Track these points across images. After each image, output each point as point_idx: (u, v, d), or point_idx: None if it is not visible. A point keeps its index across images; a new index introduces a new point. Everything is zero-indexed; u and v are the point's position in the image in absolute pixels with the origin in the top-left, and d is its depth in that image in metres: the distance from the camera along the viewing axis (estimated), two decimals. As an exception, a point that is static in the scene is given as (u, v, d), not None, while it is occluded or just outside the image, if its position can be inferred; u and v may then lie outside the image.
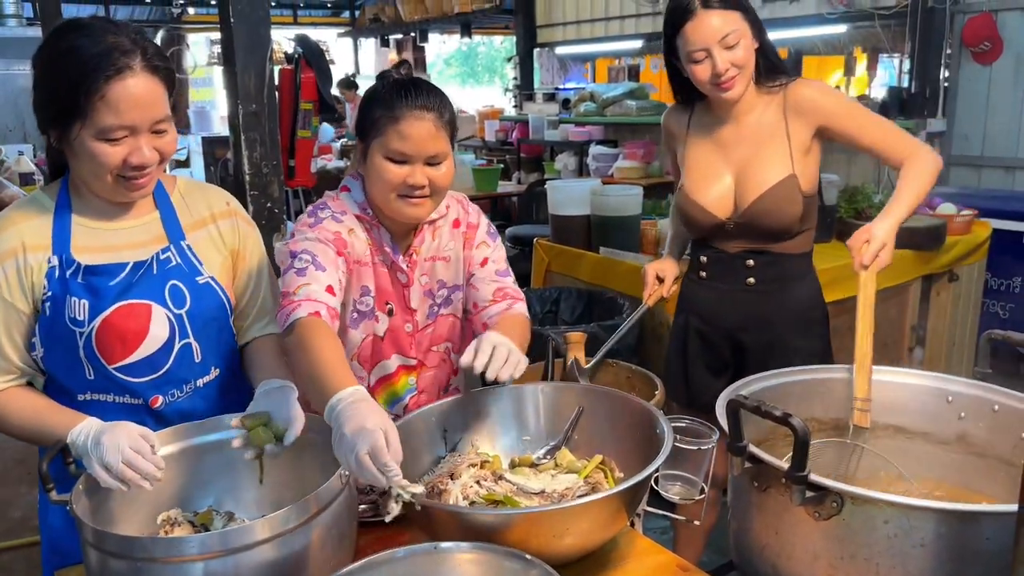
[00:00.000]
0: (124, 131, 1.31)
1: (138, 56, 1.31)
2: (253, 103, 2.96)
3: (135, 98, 1.30)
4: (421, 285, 1.70)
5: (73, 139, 1.32)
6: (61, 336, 1.39)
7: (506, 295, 1.68)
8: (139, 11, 12.82)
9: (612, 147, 6.49)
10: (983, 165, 4.92)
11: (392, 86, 1.57)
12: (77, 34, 1.31)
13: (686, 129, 2.15)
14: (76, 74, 1.28)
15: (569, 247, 3.64)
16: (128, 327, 1.40)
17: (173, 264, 1.47)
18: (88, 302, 1.38)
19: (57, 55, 1.31)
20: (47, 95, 1.33)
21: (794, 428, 1.12)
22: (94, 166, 1.34)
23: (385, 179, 1.55)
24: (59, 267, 1.38)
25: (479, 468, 1.50)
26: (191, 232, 1.52)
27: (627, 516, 1.34)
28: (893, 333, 3.43)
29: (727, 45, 1.90)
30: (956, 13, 4.87)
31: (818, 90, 2.03)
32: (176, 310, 1.45)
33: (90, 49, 1.28)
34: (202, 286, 1.49)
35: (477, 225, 1.74)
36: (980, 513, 1.14)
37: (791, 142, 2.01)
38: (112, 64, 1.28)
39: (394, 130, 1.53)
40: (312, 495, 1.18)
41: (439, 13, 9.33)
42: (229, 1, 2.87)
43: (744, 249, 2.09)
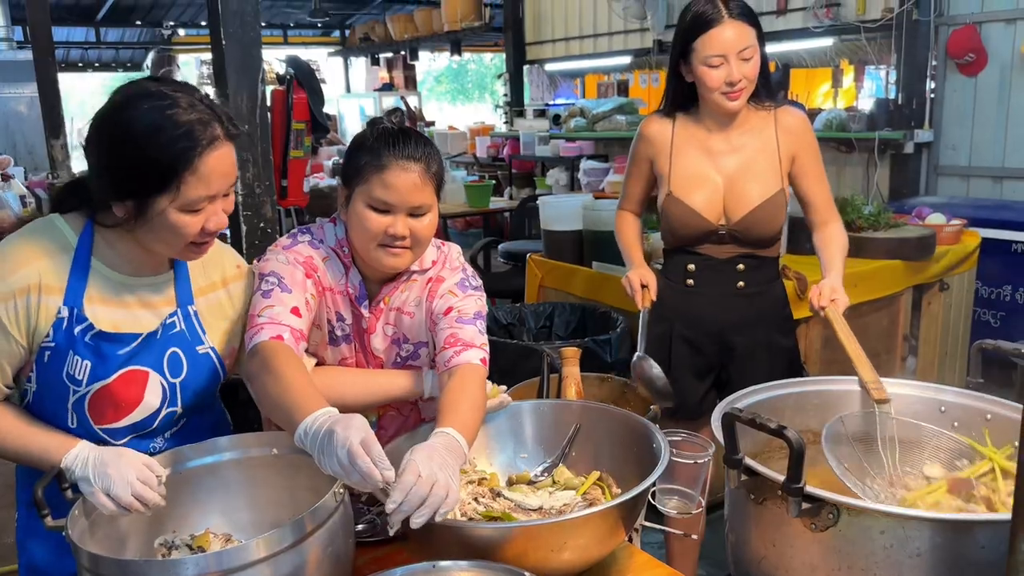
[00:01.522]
0: (207, 200, 1.30)
1: (219, 125, 1.29)
2: (246, 124, 2.96)
3: (222, 169, 1.29)
4: (386, 335, 1.67)
5: (155, 213, 1.28)
6: (54, 387, 1.36)
7: (456, 341, 1.53)
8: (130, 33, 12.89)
9: (603, 162, 6.53)
10: (970, 175, 4.97)
11: (380, 134, 1.54)
12: (162, 104, 1.27)
13: (670, 138, 2.21)
14: (167, 152, 1.24)
15: (562, 262, 3.66)
16: (124, 395, 1.38)
17: (177, 331, 1.44)
18: (91, 364, 1.35)
19: (141, 131, 1.26)
20: (125, 170, 1.28)
21: (789, 440, 1.13)
22: (171, 236, 1.31)
23: (366, 227, 1.52)
24: (68, 320, 1.34)
25: (477, 485, 1.50)
26: (199, 297, 1.49)
27: (625, 530, 1.34)
28: (886, 343, 3.44)
29: (743, 57, 2.02)
30: (940, 25, 4.93)
31: (804, 122, 2.21)
32: (172, 379, 1.43)
33: (175, 129, 1.25)
34: (201, 356, 1.47)
35: (444, 279, 1.65)
36: (975, 522, 1.14)
37: (781, 159, 2.15)
38: (203, 138, 1.26)
39: (378, 179, 1.50)
40: (307, 513, 1.18)
41: (429, 31, 9.41)
42: (221, 23, 2.89)
43: (735, 254, 2.18)
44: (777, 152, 2.16)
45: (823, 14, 5.30)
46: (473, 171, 8.28)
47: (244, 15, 2.94)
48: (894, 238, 3.37)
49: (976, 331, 3.94)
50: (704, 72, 2.04)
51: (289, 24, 13.16)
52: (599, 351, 2.83)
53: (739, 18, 2.02)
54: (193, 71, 12.37)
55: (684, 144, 2.19)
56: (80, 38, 12.51)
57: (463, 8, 8.73)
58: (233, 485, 1.45)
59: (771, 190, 2.13)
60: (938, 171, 5.11)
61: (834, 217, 2.22)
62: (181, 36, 12.40)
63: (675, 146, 2.20)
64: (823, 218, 2.21)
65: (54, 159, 6.24)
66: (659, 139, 2.23)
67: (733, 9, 2.02)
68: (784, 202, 2.17)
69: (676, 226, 2.20)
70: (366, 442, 1.17)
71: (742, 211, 2.13)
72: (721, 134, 2.17)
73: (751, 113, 2.16)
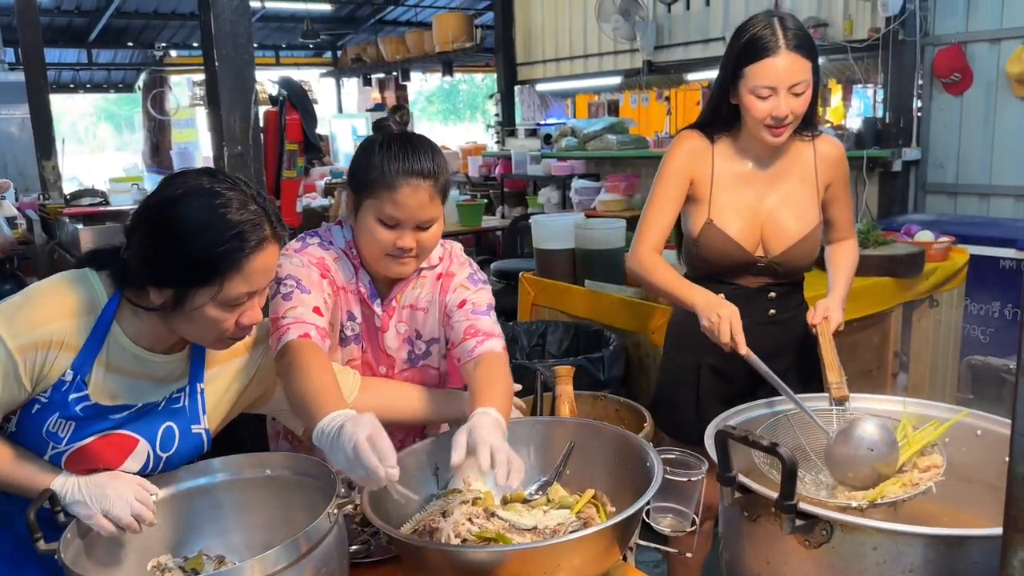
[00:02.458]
0: (247, 297, 1.30)
1: (267, 225, 1.30)
2: (239, 145, 2.97)
3: (267, 268, 1.31)
4: (399, 333, 1.72)
5: (193, 307, 1.28)
6: (32, 438, 1.34)
7: (477, 331, 1.60)
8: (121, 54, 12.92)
9: (594, 180, 6.56)
10: (958, 193, 5.01)
11: (392, 145, 1.55)
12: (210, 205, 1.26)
13: (711, 161, 2.07)
14: (216, 252, 1.25)
15: (554, 280, 3.67)
16: (104, 456, 1.36)
17: (179, 406, 1.43)
18: (75, 425, 1.33)
19: (192, 229, 1.25)
20: (171, 263, 1.27)
21: (782, 457, 1.14)
22: (205, 329, 1.31)
23: (375, 239, 1.57)
24: (69, 384, 1.32)
25: (471, 505, 1.50)
26: (211, 367, 1.48)
27: (620, 550, 1.34)
28: (877, 359, 3.46)
29: (795, 92, 1.90)
30: (926, 45, 4.99)
31: (841, 152, 2.13)
32: (161, 452, 1.42)
33: (226, 230, 1.25)
34: (194, 435, 1.46)
35: (452, 275, 1.72)
36: (967, 537, 1.15)
37: (819, 189, 2.10)
38: (252, 239, 1.27)
39: (389, 197, 1.53)
40: (301, 534, 1.18)
41: (420, 52, 9.46)
42: (214, 45, 2.90)
43: (765, 283, 2.12)
44: (815, 183, 2.09)
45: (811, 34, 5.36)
46: (465, 190, 8.31)
47: (237, 37, 2.95)
48: (884, 255, 3.40)
49: (966, 347, 3.97)
50: (751, 102, 1.92)
51: (281, 45, 13.23)
52: (592, 369, 2.84)
53: (796, 50, 1.87)
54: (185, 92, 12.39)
55: (724, 169, 2.07)
56: (72, 59, 12.53)
57: (454, 29, 8.79)
58: (226, 506, 1.45)
59: (810, 224, 2.08)
60: (926, 189, 5.16)
61: (852, 234, 2.22)
62: (173, 57, 12.43)
63: (716, 170, 2.07)
64: (842, 236, 2.22)
65: (45, 180, 6.23)
66: (702, 157, 2.08)
67: (791, 39, 1.87)
68: (820, 235, 2.12)
69: (714, 256, 2.09)
70: (373, 438, 1.19)
71: (782, 245, 2.06)
72: (762, 161, 2.07)
73: (793, 141, 2.06)
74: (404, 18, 12.44)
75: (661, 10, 6.63)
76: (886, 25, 4.95)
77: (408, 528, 1.42)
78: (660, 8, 6.63)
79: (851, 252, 2.21)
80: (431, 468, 1.56)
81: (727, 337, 1.87)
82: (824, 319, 1.96)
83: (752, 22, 1.93)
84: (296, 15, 11.57)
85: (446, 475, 1.57)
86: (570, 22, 7.68)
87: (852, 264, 2.19)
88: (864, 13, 5.20)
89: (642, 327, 3.18)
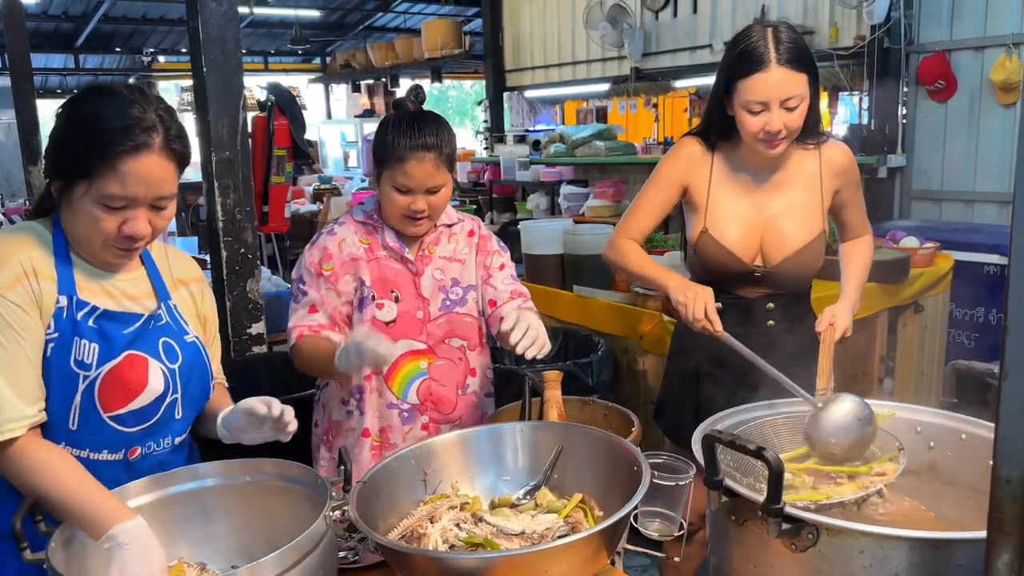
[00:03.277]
0: (124, 201, 1.32)
1: (159, 135, 1.32)
2: (227, 150, 2.97)
3: (143, 175, 1.31)
4: (434, 279, 1.95)
5: (75, 198, 1.33)
6: (63, 378, 1.36)
7: (520, 294, 2.01)
8: (109, 59, 12.87)
9: (583, 187, 6.58)
10: (943, 199, 5.06)
11: (402, 123, 1.82)
12: (106, 101, 1.32)
13: (709, 169, 2.05)
14: (93, 140, 1.29)
15: (544, 286, 3.67)
16: (132, 377, 1.40)
17: (163, 322, 1.48)
18: (99, 347, 1.37)
19: (80, 117, 1.32)
20: (60, 149, 1.34)
21: (768, 461, 1.14)
22: (88, 228, 1.35)
23: (394, 205, 1.86)
24: (68, 308, 1.36)
25: (459, 510, 1.49)
26: (173, 292, 1.54)
27: (607, 555, 1.34)
28: (863, 365, 3.48)
29: (788, 107, 1.85)
30: (911, 53, 5.05)
31: (850, 157, 2.07)
32: (170, 365, 1.46)
33: (113, 121, 1.30)
34: (189, 344, 1.51)
35: (489, 236, 2.05)
36: (952, 540, 1.16)
37: (824, 199, 2.05)
38: (130, 139, 1.29)
39: (400, 168, 1.81)
40: (303, 536, 1.17)
41: (409, 59, 9.48)
42: (202, 50, 2.90)
43: (765, 294, 2.07)
44: (820, 190, 2.03)
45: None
46: (455, 196, 8.32)
47: (225, 42, 2.95)
48: (870, 261, 3.43)
49: (950, 352, 4.00)
50: (743, 116, 1.88)
51: (270, 51, 13.21)
52: (581, 374, 2.84)
53: (789, 64, 1.82)
54: (173, 97, 12.36)
55: (723, 177, 2.04)
56: (59, 64, 12.48)
57: (443, 36, 8.81)
58: (213, 512, 1.44)
59: (812, 232, 2.02)
60: (911, 195, 5.20)
61: (866, 231, 2.18)
62: (161, 63, 12.40)
63: (714, 178, 2.04)
64: (856, 235, 2.18)
65: (32, 186, 6.20)
66: (700, 165, 2.05)
67: (783, 53, 1.82)
68: (824, 244, 2.06)
69: (709, 265, 2.06)
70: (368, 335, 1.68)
71: (781, 254, 2.02)
72: (762, 170, 2.03)
73: (794, 150, 2.01)
74: (393, 24, 12.45)
75: (649, 17, 6.67)
76: (871, 33, 5.01)
77: (395, 534, 1.41)
78: (648, 15, 6.67)
79: (865, 249, 2.15)
80: (419, 473, 1.56)
81: (700, 314, 1.86)
82: (830, 326, 1.91)
83: (746, 33, 1.89)
84: (285, 21, 11.55)
85: (434, 480, 1.57)
86: (558, 29, 7.71)
87: (865, 263, 2.14)
88: (850, 21, 5.25)
89: (631, 332, 3.20)
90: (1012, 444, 0.93)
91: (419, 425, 1.97)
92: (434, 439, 1.63)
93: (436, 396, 1.97)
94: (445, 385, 1.97)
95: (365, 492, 1.40)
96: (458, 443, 1.61)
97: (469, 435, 1.62)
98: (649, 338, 3.11)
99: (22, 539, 1.21)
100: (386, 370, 1.92)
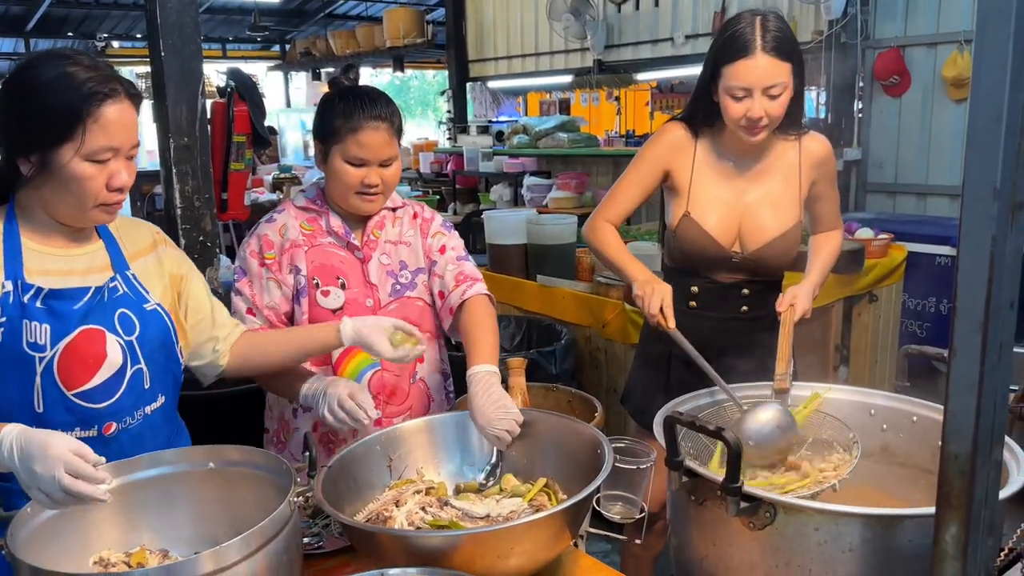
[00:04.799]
0: (110, 152, 1.35)
1: (119, 84, 1.37)
2: (185, 136, 2.93)
3: (123, 122, 1.36)
4: (382, 264, 1.90)
5: (60, 165, 1.33)
6: (16, 363, 1.36)
7: (466, 277, 1.90)
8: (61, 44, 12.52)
9: (546, 178, 6.59)
10: (896, 192, 5.17)
11: (349, 96, 1.79)
12: (62, 63, 1.35)
13: (692, 154, 2.09)
14: (73, 97, 1.31)
15: (507, 275, 3.69)
16: (90, 351, 1.40)
17: (120, 293, 1.48)
18: (50, 326, 1.37)
19: (42, 83, 1.33)
20: (30, 122, 1.33)
21: (727, 441, 1.17)
22: (78, 190, 1.35)
23: (344, 180, 1.80)
24: (14, 292, 1.37)
25: (424, 495, 1.51)
26: (133, 261, 1.54)
27: (571, 535, 1.36)
28: (819, 353, 3.56)
29: (770, 95, 1.89)
30: (867, 48, 5.14)
31: (828, 149, 2.12)
32: (126, 337, 1.46)
33: (82, 75, 1.33)
34: (149, 313, 1.50)
35: (432, 219, 1.99)
36: (902, 517, 1.20)
37: (802, 189, 2.09)
38: (103, 89, 1.33)
39: (353, 139, 1.76)
40: (267, 520, 1.17)
41: (371, 47, 9.37)
42: (160, 35, 2.85)
43: (740, 280, 2.11)
44: (799, 181, 2.08)
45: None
46: (417, 186, 8.28)
47: (183, 27, 2.91)
48: (826, 251, 3.50)
49: (904, 341, 4.10)
50: (727, 102, 1.93)
51: (228, 38, 12.97)
52: (544, 363, 2.86)
53: (772, 52, 1.86)
54: (128, 84, 12.08)
55: (706, 163, 2.08)
56: (8, 49, 12.12)
57: (405, 25, 8.74)
58: (176, 499, 1.43)
59: (789, 222, 2.07)
60: (866, 188, 5.31)
61: (837, 225, 2.24)
62: (115, 48, 12.10)
63: (696, 163, 2.08)
64: (827, 228, 2.24)
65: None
66: (683, 150, 2.09)
67: (770, 41, 1.87)
68: (800, 234, 2.11)
69: (688, 249, 2.10)
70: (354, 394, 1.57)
71: (758, 242, 2.07)
72: (744, 158, 2.08)
73: (775, 139, 2.07)
74: (354, 12, 12.30)
75: (611, 10, 6.69)
76: (829, 28, 5.09)
77: (361, 518, 1.42)
78: (610, 8, 6.69)
79: (832, 240, 2.22)
80: (385, 459, 1.57)
81: (655, 309, 1.91)
82: (790, 307, 1.96)
83: (735, 20, 1.94)
84: (244, 7, 11.35)
85: (399, 465, 1.58)
86: (521, 19, 7.70)
87: (831, 252, 2.20)
88: (808, 16, 5.32)
89: (594, 321, 3.23)
90: (960, 421, 0.96)
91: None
92: (400, 425, 1.64)
93: (390, 387, 1.89)
94: (398, 375, 1.90)
95: (330, 477, 1.41)
96: (424, 429, 1.62)
97: (435, 421, 1.63)
98: (611, 327, 3.14)
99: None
100: (336, 359, 1.86)
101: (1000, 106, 0.85)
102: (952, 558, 0.97)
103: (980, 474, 0.95)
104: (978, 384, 0.92)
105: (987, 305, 0.91)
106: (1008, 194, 0.89)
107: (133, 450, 1.45)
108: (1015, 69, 0.84)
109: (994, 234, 0.90)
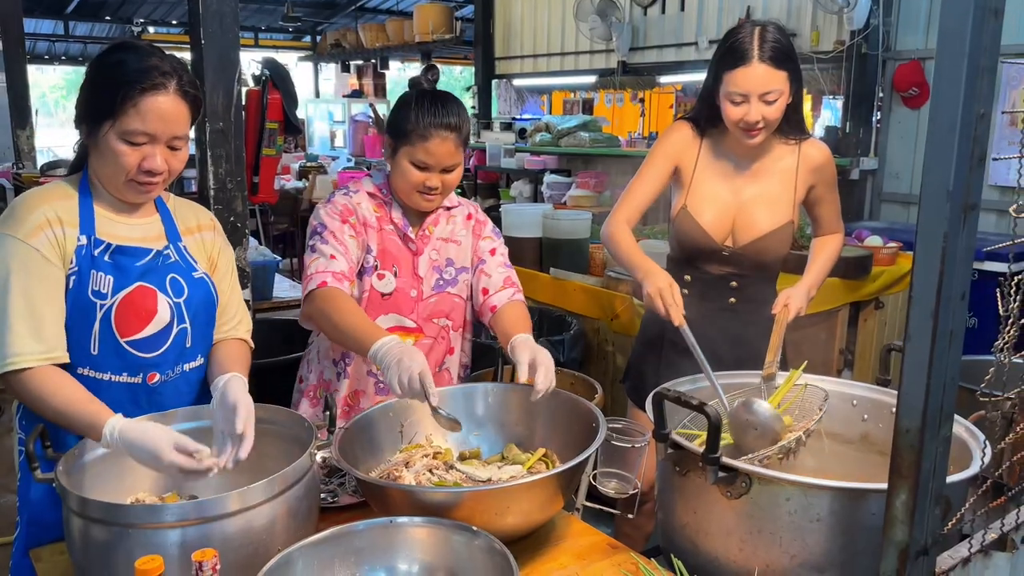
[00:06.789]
0: (144, 137, 1.48)
1: (174, 80, 1.50)
2: (220, 121, 3.05)
3: (161, 112, 1.48)
4: (431, 259, 1.99)
5: (101, 136, 1.49)
6: (80, 308, 1.50)
7: (512, 283, 2.01)
8: (99, 28, 12.79)
9: (566, 176, 6.69)
10: (911, 202, 5.23)
11: (426, 102, 1.86)
12: (128, 53, 1.52)
13: (697, 152, 2.23)
14: (118, 82, 1.47)
15: (522, 268, 3.80)
16: (143, 305, 1.55)
17: (172, 261, 1.62)
18: (113, 278, 1.53)
19: (108, 65, 1.51)
20: (89, 95, 1.51)
21: (707, 414, 1.29)
22: (114, 163, 1.50)
23: (409, 179, 1.89)
24: (87, 245, 1.52)
25: (432, 459, 1.63)
26: (184, 236, 1.68)
27: (563, 498, 1.48)
28: (823, 355, 3.64)
29: (766, 100, 2.02)
30: (887, 60, 5.21)
31: (827, 155, 2.23)
32: (175, 299, 1.60)
33: (134, 64, 1.48)
34: (197, 280, 1.65)
35: (485, 222, 2.08)
36: (866, 491, 1.30)
37: (797, 191, 2.21)
38: (149, 80, 1.47)
39: (422, 146, 1.85)
40: (289, 467, 1.31)
41: (400, 41, 9.52)
42: (200, 23, 2.99)
43: (730, 272, 2.23)
44: (794, 183, 2.20)
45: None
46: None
47: (223, 16, 3.03)
48: (833, 257, 3.58)
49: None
50: (726, 106, 2.06)
51: (261, 27, 13.18)
52: (553, 350, 2.96)
53: (770, 61, 1.99)
54: (161, 69, 12.28)
55: (708, 161, 2.22)
56: (48, 31, 12.39)
57: (435, 20, 8.87)
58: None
59: (780, 220, 2.18)
60: (881, 197, 5.37)
61: (838, 228, 2.33)
62: (151, 34, 12.34)
63: (699, 161, 2.22)
64: (827, 231, 2.34)
65: (20, 150, 6.23)
66: (689, 147, 2.24)
67: (767, 51, 1.99)
68: (791, 234, 2.22)
69: (683, 240, 2.23)
70: (423, 375, 1.54)
71: (749, 237, 2.18)
72: (743, 158, 2.20)
73: (775, 143, 2.19)
74: (385, 6, 12.46)
75: (637, 12, 6.79)
76: (851, 38, 5.16)
77: (374, 475, 1.55)
78: (636, 11, 6.79)
79: (832, 243, 2.32)
80: (397, 425, 1.69)
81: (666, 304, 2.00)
82: (784, 307, 2.08)
83: (736, 30, 2.07)
84: (277, -2, 11.55)
85: (410, 431, 1.71)
86: (549, 19, 7.81)
87: (830, 254, 2.29)
88: (831, 26, 5.40)
89: (603, 314, 3.34)
90: (911, 399, 1.08)
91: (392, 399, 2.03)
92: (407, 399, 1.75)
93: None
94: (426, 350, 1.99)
95: (347, 437, 1.54)
96: (434, 399, 1.74)
97: (444, 393, 1.75)
98: (620, 320, 3.25)
99: (33, 459, 1.34)
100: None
101: (955, 116, 0.96)
102: (901, 522, 1.08)
103: (928, 448, 1.06)
104: (927, 366, 1.03)
105: (938, 296, 1.02)
106: (960, 196, 1.00)
107: (172, 401, 1.60)
108: (968, 83, 0.95)
109: (946, 232, 1.01)
